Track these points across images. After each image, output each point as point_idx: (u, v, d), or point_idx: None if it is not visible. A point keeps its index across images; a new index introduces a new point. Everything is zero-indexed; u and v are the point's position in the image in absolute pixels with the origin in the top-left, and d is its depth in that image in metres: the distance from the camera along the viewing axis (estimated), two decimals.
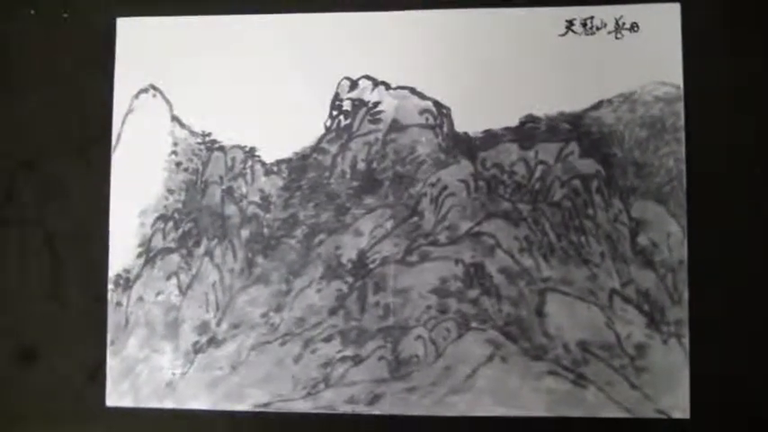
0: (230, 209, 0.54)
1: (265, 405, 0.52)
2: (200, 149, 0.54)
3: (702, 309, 0.50)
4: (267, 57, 0.54)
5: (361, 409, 0.51)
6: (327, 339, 0.52)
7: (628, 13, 0.52)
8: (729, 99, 0.51)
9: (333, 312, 0.52)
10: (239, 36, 0.54)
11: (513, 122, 0.52)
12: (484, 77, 0.52)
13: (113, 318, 0.54)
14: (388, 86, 0.53)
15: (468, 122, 0.52)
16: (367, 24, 0.53)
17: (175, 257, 0.54)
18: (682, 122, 0.51)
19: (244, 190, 0.54)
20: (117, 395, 0.53)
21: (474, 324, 0.51)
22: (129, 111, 0.54)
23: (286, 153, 0.53)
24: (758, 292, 0.51)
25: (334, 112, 0.53)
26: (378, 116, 0.53)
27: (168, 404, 0.53)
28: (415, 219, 0.52)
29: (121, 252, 0.54)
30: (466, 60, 0.52)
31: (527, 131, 0.52)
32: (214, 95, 0.54)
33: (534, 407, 0.51)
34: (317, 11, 0.53)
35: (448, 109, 0.52)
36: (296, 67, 0.53)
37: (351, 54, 0.53)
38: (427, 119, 0.53)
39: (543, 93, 0.52)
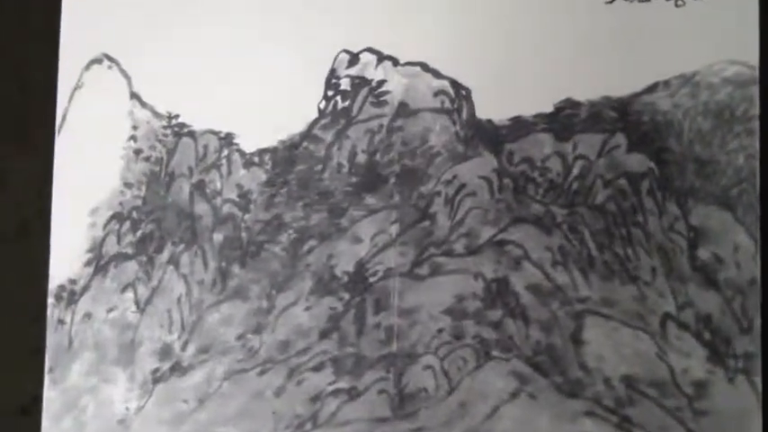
0: (201, 207, 0.52)
1: None
2: (166, 134, 0.52)
3: None
4: (249, 23, 0.52)
5: None
6: (317, 368, 0.50)
7: None
8: None
9: (324, 335, 0.50)
10: None
11: (548, 108, 0.50)
12: (512, 53, 0.50)
13: (53, 339, 0.52)
14: (395, 62, 0.51)
15: (493, 107, 0.50)
16: None
17: (133, 266, 0.52)
18: (756, 110, 0.48)
19: (218, 185, 0.52)
20: None
21: (495, 352, 0.49)
22: (78, 86, 0.53)
23: (270, 141, 0.51)
24: None
25: (330, 93, 0.51)
26: (382, 98, 0.51)
27: None
28: (426, 223, 0.50)
29: (66, 258, 0.52)
30: (490, 32, 0.50)
31: (564, 119, 0.50)
32: (183, 69, 0.52)
33: None
34: None
35: (468, 90, 0.50)
36: (283, 36, 0.51)
37: (351, 22, 0.51)
38: (443, 102, 0.50)
39: (584, 73, 0.49)
